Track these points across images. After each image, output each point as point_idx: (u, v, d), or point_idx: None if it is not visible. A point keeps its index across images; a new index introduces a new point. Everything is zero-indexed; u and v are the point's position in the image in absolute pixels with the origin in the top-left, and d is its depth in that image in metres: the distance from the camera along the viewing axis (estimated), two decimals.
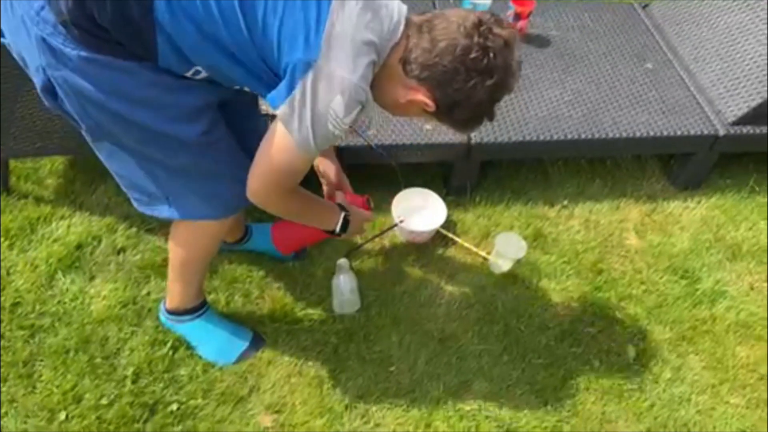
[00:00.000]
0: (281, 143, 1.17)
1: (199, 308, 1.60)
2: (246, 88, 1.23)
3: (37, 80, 1.15)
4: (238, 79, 1.20)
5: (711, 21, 2.23)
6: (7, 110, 1.72)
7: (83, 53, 1.08)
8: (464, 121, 1.24)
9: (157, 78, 1.15)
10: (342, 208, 1.50)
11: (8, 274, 1.73)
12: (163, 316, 1.63)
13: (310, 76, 1.08)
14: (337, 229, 1.49)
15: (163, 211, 1.37)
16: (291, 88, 1.10)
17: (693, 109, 2.09)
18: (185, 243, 1.47)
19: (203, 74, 1.18)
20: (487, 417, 1.57)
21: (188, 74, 1.18)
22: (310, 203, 1.43)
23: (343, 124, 1.14)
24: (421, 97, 1.18)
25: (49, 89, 1.15)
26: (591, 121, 2.02)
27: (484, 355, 1.68)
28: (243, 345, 1.62)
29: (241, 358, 1.61)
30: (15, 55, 1.18)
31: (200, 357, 1.61)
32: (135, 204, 1.39)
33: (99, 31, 1.07)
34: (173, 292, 1.57)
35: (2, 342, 1.60)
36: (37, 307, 1.67)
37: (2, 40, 1.19)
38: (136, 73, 1.12)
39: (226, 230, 1.49)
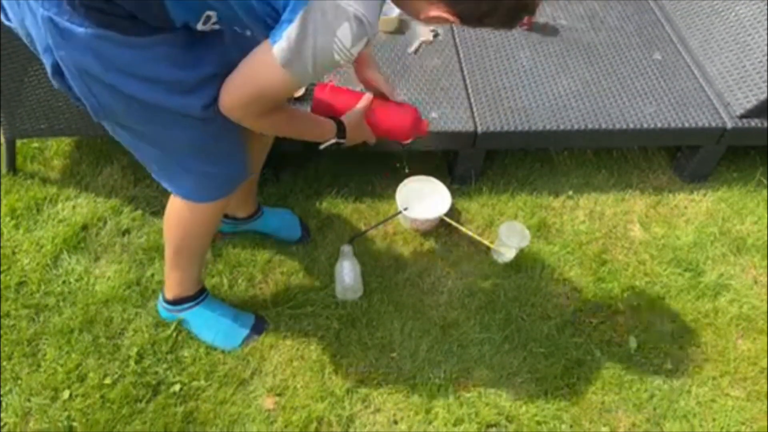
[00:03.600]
0: (269, 68, 1.11)
1: (199, 295, 1.60)
2: (251, 32, 1.19)
3: (47, 61, 1.14)
4: (245, 21, 1.15)
5: (721, 12, 2.21)
6: (14, 91, 1.72)
7: (90, 30, 1.07)
8: (502, 21, 1.13)
9: (166, 52, 1.14)
10: (339, 125, 1.40)
11: (14, 253, 1.74)
12: (163, 309, 1.62)
13: (309, 8, 1.04)
14: (333, 139, 1.39)
15: (168, 186, 1.39)
16: (289, 22, 1.06)
17: (701, 101, 2.08)
18: (180, 225, 1.46)
19: (213, 20, 1.15)
20: (487, 404, 1.58)
21: (200, 26, 1.15)
22: (297, 118, 1.35)
23: (350, 53, 1.09)
24: (442, 13, 1.11)
25: (58, 69, 1.14)
26: (598, 111, 2.01)
27: (485, 343, 1.69)
28: (246, 329, 1.63)
29: (245, 342, 1.62)
30: (24, 39, 1.17)
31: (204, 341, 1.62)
32: (151, 172, 1.40)
33: (107, 6, 1.06)
34: (172, 280, 1.57)
35: (7, 321, 1.62)
36: (42, 286, 1.68)
37: (8, 23, 1.18)
38: (145, 47, 1.11)
39: (222, 212, 1.49)
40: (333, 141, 1.40)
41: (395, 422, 1.54)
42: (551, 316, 1.76)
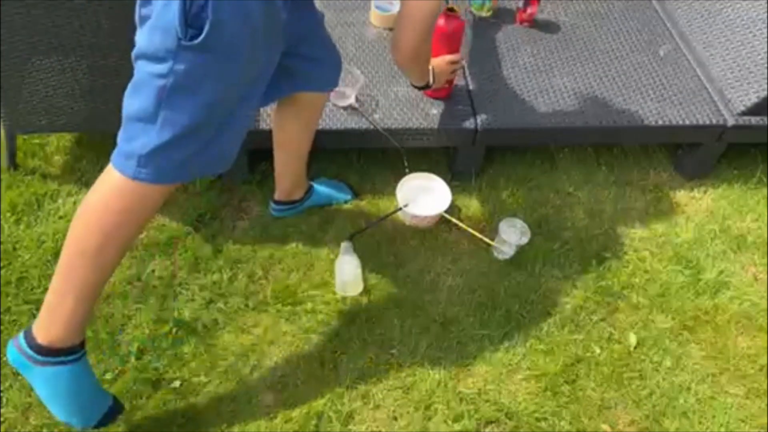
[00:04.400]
0: None
1: (77, 350, 1.28)
2: None
3: None
4: None
5: (723, 10, 2.20)
6: (15, 86, 1.72)
7: None
8: None
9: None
10: None
11: (14, 249, 1.75)
12: (18, 353, 1.26)
13: None
14: (431, 79, 1.74)
15: (160, 159, 1.19)
16: None
17: (702, 99, 2.07)
18: (119, 208, 1.23)
19: None
20: (486, 401, 1.58)
21: None
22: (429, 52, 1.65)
23: None
24: None
25: None
26: (598, 108, 2.01)
27: (485, 340, 1.69)
28: (98, 414, 1.37)
29: (99, 425, 1.36)
30: None
31: (55, 411, 1.32)
32: (120, 147, 1.22)
33: None
34: (58, 316, 1.24)
35: (8, 316, 1.62)
36: (43, 282, 1.68)
37: None
38: None
39: (156, 207, 1.30)
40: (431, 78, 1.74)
41: (395, 418, 1.54)
42: (551, 313, 1.76)
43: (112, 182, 1.23)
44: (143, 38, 1.15)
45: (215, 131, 1.24)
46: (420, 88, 1.83)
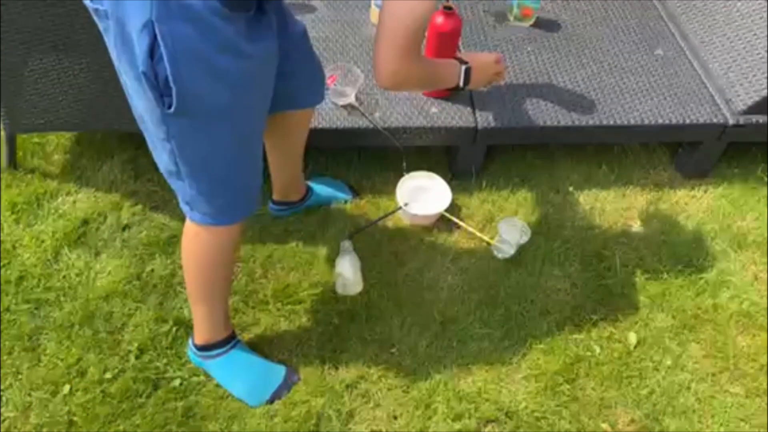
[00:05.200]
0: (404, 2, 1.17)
1: (228, 341, 1.53)
2: None
3: (143, 41, 1.04)
4: None
5: (724, 8, 2.20)
6: (15, 85, 1.72)
7: (208, 2, 1.03)
8: None
9: (244, 26, 1.12)
10: (461, 61, 1.54)
11: (14, 248, 1.75)
12: (193, 354, 1.55)
13: None
14: (461, 82, 1.53)
15: (196, 211, 1.31)
16: None
17: (702, 98, 2.07)
18: (201, 253, 1.40)
19: None
20: (486, 400, 1.58)
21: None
22: (434, 64, 1.46)
23: None
24: None
25: (152, 50, 1.05)
26: (599, 107, 2.01)
27: (485, 339, 1.69)
28: (274, 384, 1.54)
29: (273, 397, 1.53)
30: (109, 22, 1.08)
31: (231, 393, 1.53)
32: (184, 199, 1.32)
33: None
34: (199, 321, 1.50)
35: (7, 315, 1.62)
36: (43, 281, 1.68)
37: (93, 4, 1.10)
38: (236, 21, 1.09)
39: (240, 234, 1.42)
40: (461, 84, 1.52)
41: (395, 417, 1.54)
42: (551, 312, 1.76)
43: (187, 226, 1.37)
44: (135, 102, 1.17)
45: (251, 175, 1.32)
46: (450, 90, 1.62)
